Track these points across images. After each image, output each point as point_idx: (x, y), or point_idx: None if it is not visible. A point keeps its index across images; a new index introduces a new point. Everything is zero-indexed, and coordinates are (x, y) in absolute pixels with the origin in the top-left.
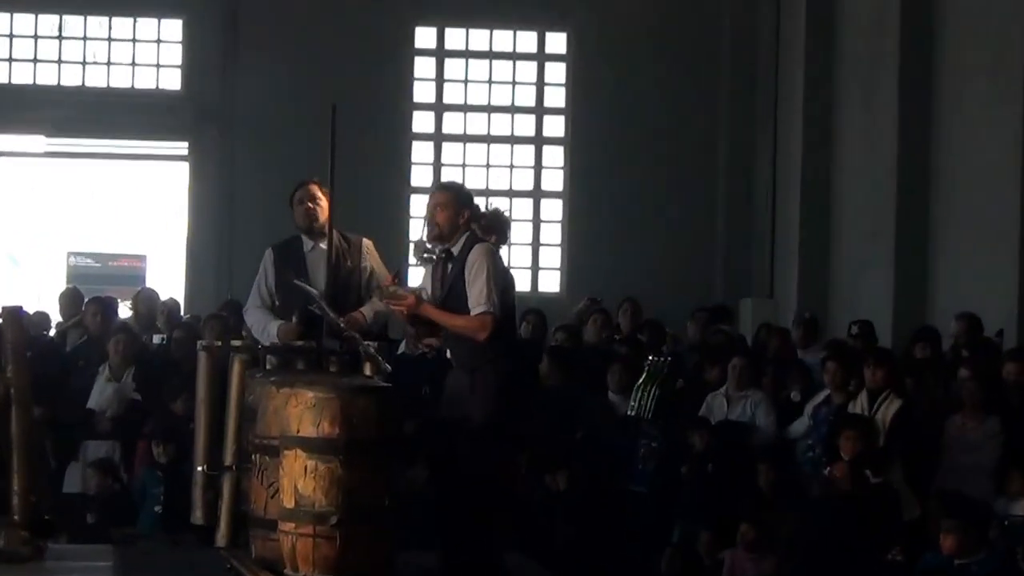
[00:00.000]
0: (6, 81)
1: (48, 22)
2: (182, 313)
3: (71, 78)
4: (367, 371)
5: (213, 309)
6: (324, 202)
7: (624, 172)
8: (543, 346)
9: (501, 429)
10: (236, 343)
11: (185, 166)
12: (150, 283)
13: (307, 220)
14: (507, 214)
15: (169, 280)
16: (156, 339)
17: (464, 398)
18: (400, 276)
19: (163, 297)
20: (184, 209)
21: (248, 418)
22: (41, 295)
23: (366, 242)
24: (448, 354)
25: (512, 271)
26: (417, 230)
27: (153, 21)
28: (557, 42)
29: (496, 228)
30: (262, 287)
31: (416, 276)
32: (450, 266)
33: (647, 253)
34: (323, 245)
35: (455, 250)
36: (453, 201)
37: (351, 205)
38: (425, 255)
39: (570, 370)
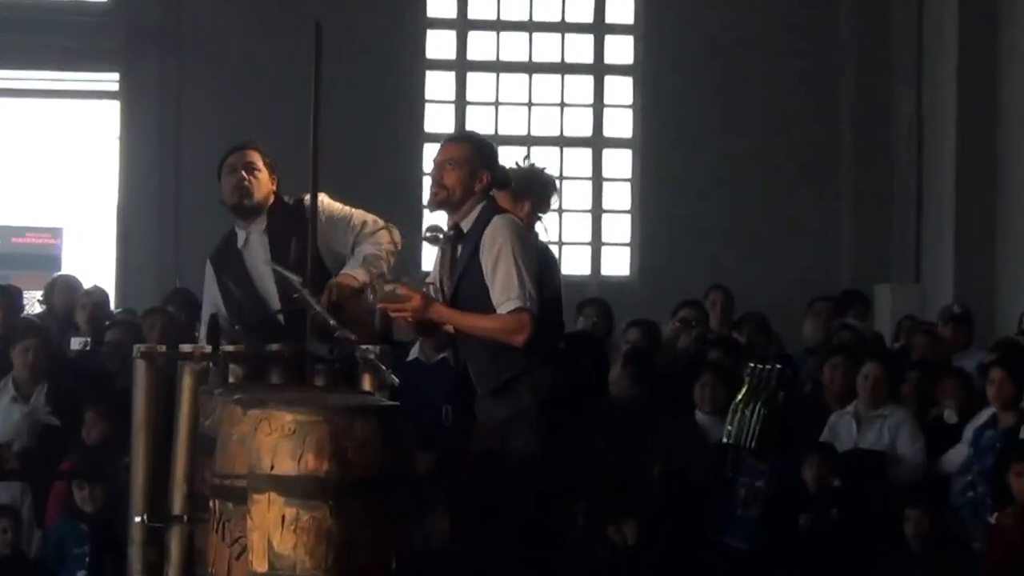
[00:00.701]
0: None
1: None
2: (112, 307)
3: None
4: (367, 385)
5: (155, 301)
6: (264, 175)
7: (713, 111)
8: (607, 349)
9: (546, 466)
10: (186, 348)
11: (115, 105)
12: (67, 267)
13: (236, 194)
14: (550, 172)
15: (94, 262)
16: (76, 343)
17: (493, 428)
18: (402, 269)
19: (85, 285)
20: (114, 165)
21: (204, 450)
22: None
23: (306, 200)
24: (480, 382)
25: (560, 247)
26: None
27: None
28: None
29: (533, 191)
30: (208, 299)
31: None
32: (460, 248)
33: (747, 223)
34: (256, 232)
35: (466, 225)
36: (469, 157)
37: (343, 161)
38: (428, 234)
39: (644, 382)
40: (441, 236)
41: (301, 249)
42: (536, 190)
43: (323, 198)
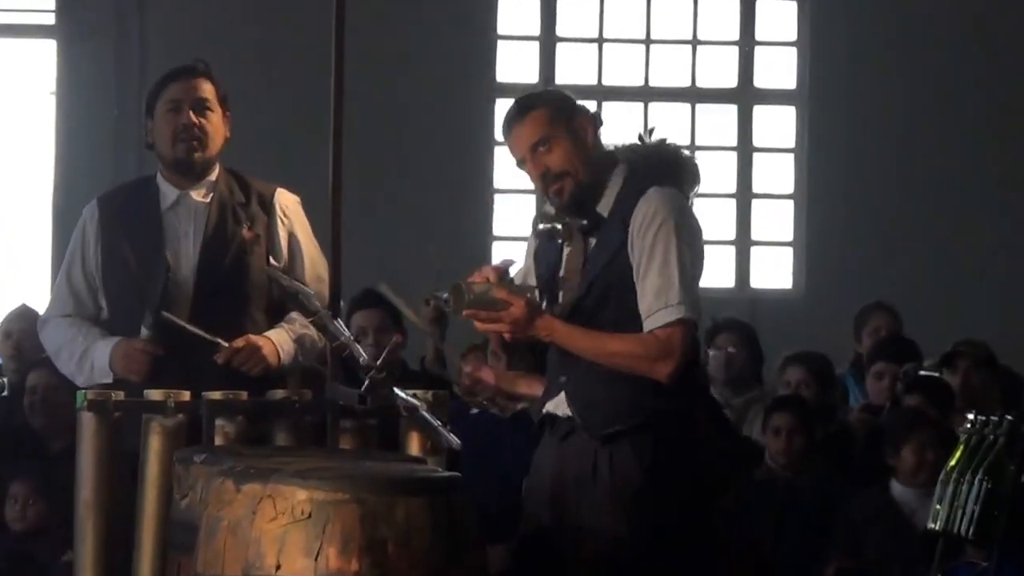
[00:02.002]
0: None
1: None
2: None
3: None
4: (414, 449)
5: None
6: (217, 118)
7: (906, 61)
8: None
9: (669, 552)
10: (155, 395)
11: (51, 46)
12: None
13: (182, 146)
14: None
15: (20, 268)
16: None
17: (587, 489)
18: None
19: (4, 303)
20: (48, 131)
21: (180, 543)
22: None
23: (283, 195)
24: (552, 400)
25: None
26: (507, 170)
27: None
28: None
29: (669, 177)
30: (75, 276)
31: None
32: (594, 239)
33: (951, 213)
34: (197, 194)
35: (604, 208)
36: (550, 119)
37: (374, 125)
38: (543, 225)
39: (815, 437)
40: (560, 227)
41: (247, 240)
42: (673, 175)
43: (289, 202)
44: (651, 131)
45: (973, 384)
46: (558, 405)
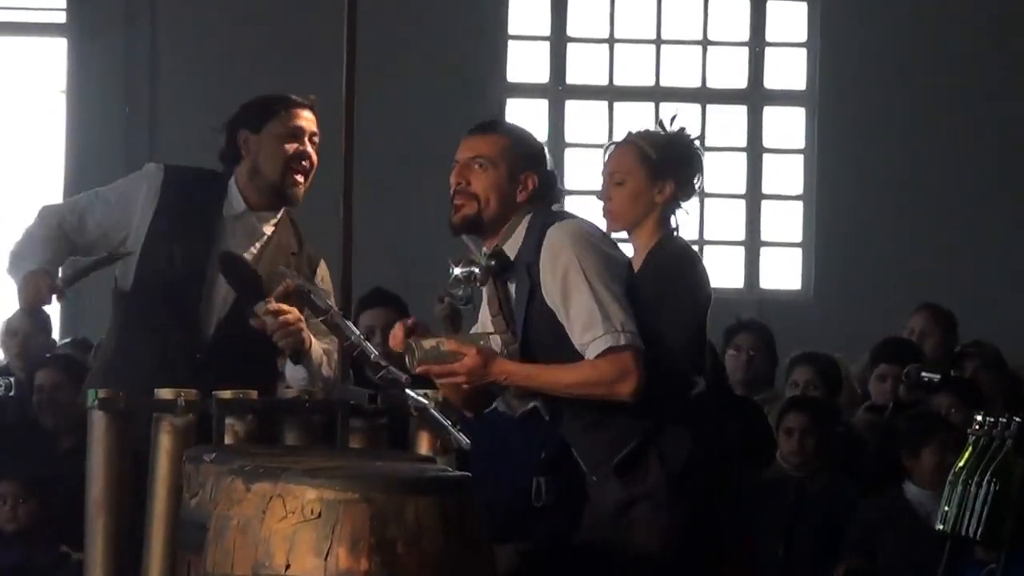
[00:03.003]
0: None
1: None
2: (56, 336)
3: None
4: (424, 448)
5: None
6: (312, 156)
7: (916, 62)
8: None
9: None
10: (165, 393)
11: (61, 44)
12: None
13: (289, 174)
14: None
15: None
16: None
17: (608, 513)
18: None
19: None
20: (59, 130)
21: (189, 542)
22: None
23: (323, 268)
24: (590, 467)
25: (700, 247)
26: None
27: None
28: None
29: (679, 167)
30: (97, 209)
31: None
32: (511, 282)
33: (960, 215)
34: (262, 220)
35: (511, 249)
36: (505, 153)
37: (386, 132)
38: (460, 271)
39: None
40: (477, 271)
41: (283, 290)
42: (681, 163)
43: (324, 272)
44: (673, 119)
45: (982, 385)
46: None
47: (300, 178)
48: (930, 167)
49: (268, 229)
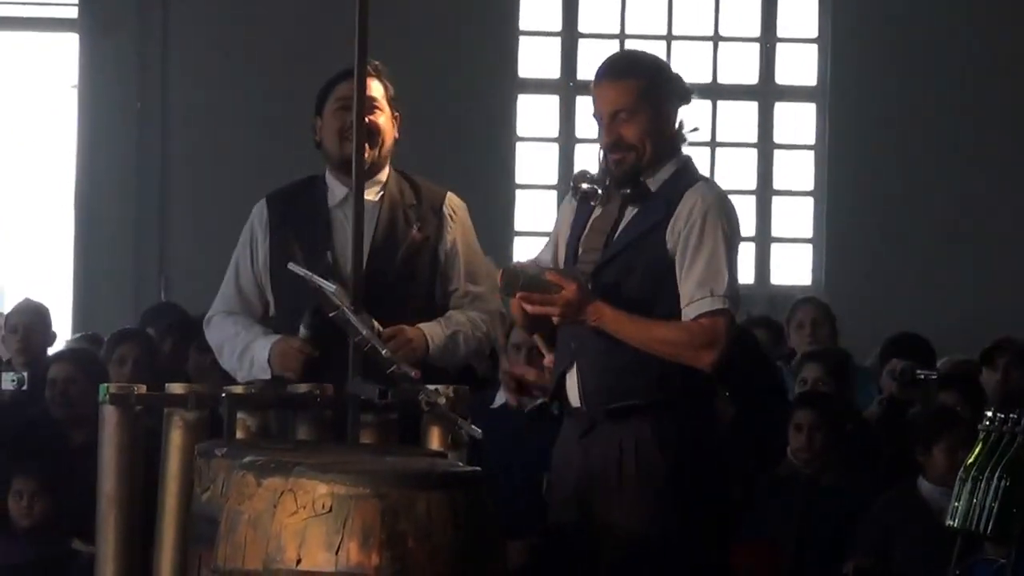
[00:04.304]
0: None
1: None
2: (70, 330)
3: None
4: (435, 443)
5: (128, 321)
6: (387, 117)
7: (928, 58)
8: (783, 390)
9: (693, 552)
10: (177, 388)
11: (73, 40)
12: (4, 270)
13: (346, 144)
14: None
15: (42, 265)
16: (8, 381)
17: (611, 489)
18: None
19: (16, 296)
20: (71, 125)
21: (201, 536)
22: None
23: (452, 199)
24: (588, 397)
25: None
26: (529, 167)
27: None
28: None
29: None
30: (244, 274)
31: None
32: (629, 213)
33: (972, 211)
34: (368, 193)
35: (653, 184)
36: (644, 93)
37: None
38: (584, 186)
39: (839, 434)
40: (600, 191)
41: (416, 242)
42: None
43: (456, 205)
44: (694, 130)
45: (1012, 381)
46: (572, 388)
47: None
48: (942, 162)
49: (373, 198)
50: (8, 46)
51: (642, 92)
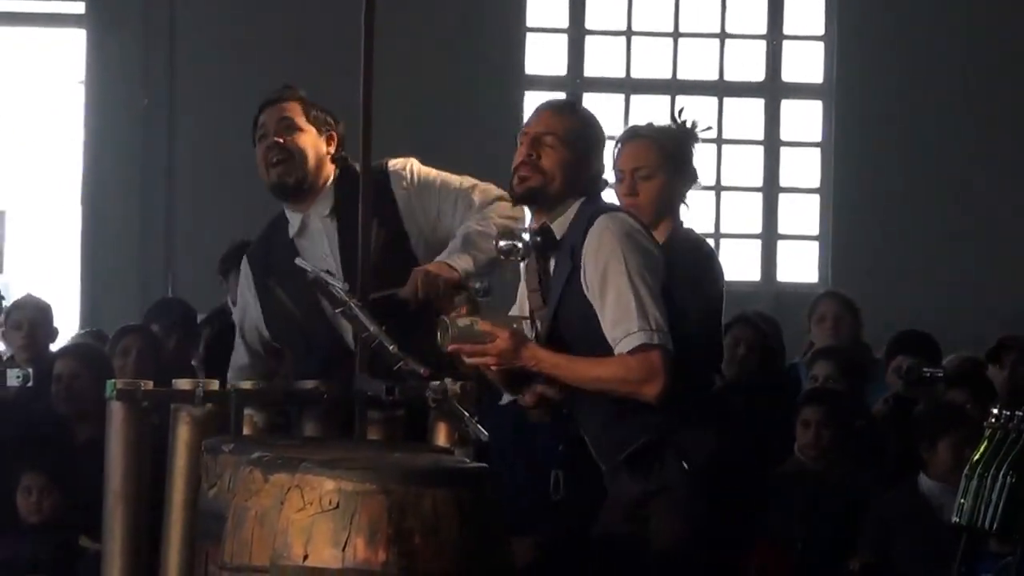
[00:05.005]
0: None
1: None
2: (76, 326)
3: None
4: (442, 440)
5: (133, 317)
6: (310, 137)
7: (934, 55)
8: (786, 387)
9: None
10: (183, 384)
11: (80, 36)
12: (11, 266)
13: (270, 170)
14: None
15: (48, 260)
16: (14, 377)
17: (625, 506)
18: (478, 292)
19: (21, 293)
20: (77, 122)
21: (207, 533)
22: None
23: (396, 165)
24: (600, 454)
25: (716, 240)
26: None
27: None
28: None
29: (691, 157)
30: (245, 327)
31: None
32: (553, 261)
33: (978, 209)
34: (317, 215)
35: (559, 228)
36: (580, 136)
37: (403, 124)
38: (502, 244)
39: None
40: (520, 245)
41: (387, 235)
42: (692, 157)
43: (410, 163)
44: (681, 110)
45: (1019, 378)
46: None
47: (281, 166)
48: (948, 160)
49: (326, 216)
50: (15, 42)
51: (578, 132)
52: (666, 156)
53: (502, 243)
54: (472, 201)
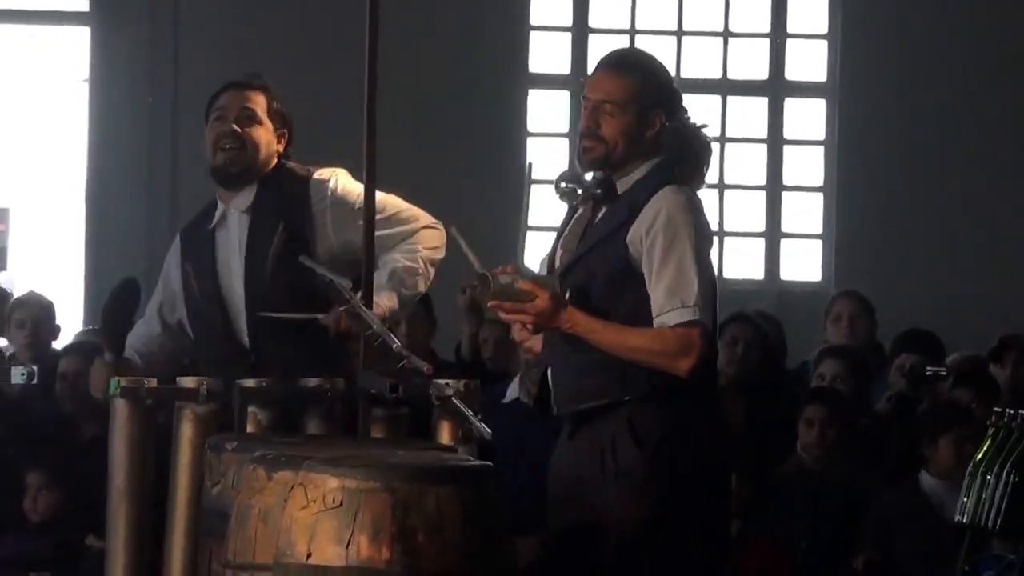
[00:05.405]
0: None
1: None
2: (81, 324)
3: None
4: (445, 438)
5: (140, 314)
6: (266, 131)
7: (937, 54)
8: (788, 386)
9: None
10: (187, 382)
11: (85, 34)
12: (15, 264)
13: (221, 155)
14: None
15: (53, 257)
16: (19, 375)
17: (594, 487)
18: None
19: (23, 289)
20: (82, 119)
21: (211, 530)
22: None
23: (322, 175)
24: (559, 399)
25: (720, 239)
26: (539, 162)
27: None
28: None
29: (685, 157)
30: (164, 299)
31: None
32: (601, 213)
33: (981, 207)
34: (237, 208)
35: (623, 184)
36: (637, 94)
37: (407, 115)
38: (564, 186)
39: (850, 430)
40: (580, 191)
41: (291, 242)
42: (691, 154)
43: (336, 175)
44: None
45: (1021, 377)
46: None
47: (232, 153)
48: (951, 159)
49: (244, 211)
50: (20, 40)
51: (634, 92)
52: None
53: (563, 184)
54: (395, 226)
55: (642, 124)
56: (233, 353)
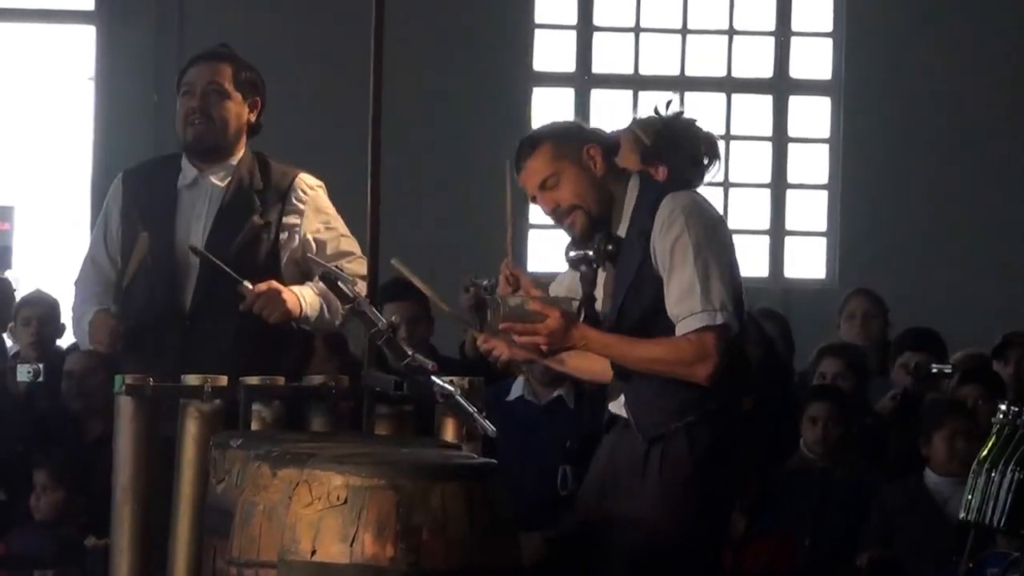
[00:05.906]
0: None
1: None
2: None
3: None
4: (450, 435)
5: None
6: (234, 105)
7: (942, 52)
8: (791, 383)
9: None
10: (192, 379)
11: (90, 32)
12: (20, 262)
13: (188, 129)
14: (706, 128)
15: (59, 256)
16: (24, 373)
17: (635, 480)
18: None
19: (27, 288)
20: (87, 118)
21: (215, 528)
22: None
23: (302, 181)
24: (614, 401)
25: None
26: None
27: None
28: None
29: (679, 150)
30: (96, 245)
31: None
32: (618, 258)
33: (985, 205)
34: (215, 176)
35: (623, 220)
36: (557, 155)
37: (411, 113)
38: (573, 255)
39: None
40: (591, 254)
41: (261, 230)
42: (683, 150)
43: (319, 186)
44: (669, 103)
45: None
46: (619, 407)
47: (200, 128)
48: (956, 156)
49: (219, 183)
50: (25, 38)
51: (554, 153)
52: (637, 148)
53: (572, 253)
54: (340, 247)
55: (586, 169)
56: (169, 312)
